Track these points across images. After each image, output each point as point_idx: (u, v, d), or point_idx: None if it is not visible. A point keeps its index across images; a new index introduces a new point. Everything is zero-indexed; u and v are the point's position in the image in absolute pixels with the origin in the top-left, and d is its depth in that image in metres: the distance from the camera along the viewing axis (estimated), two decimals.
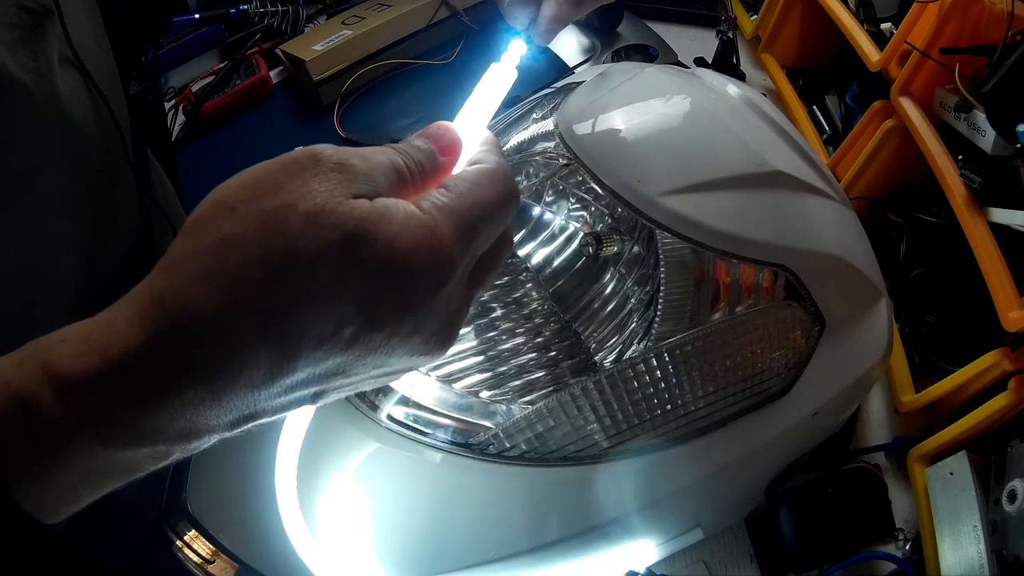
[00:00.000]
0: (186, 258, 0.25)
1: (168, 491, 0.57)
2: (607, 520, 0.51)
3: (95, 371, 0.24)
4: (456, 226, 0.28)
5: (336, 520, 0.51)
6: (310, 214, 0.25)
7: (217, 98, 1.03)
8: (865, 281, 0.56)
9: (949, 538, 0.52)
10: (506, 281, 0.65)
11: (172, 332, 0.24)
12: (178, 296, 0.24)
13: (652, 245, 0.55)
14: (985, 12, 0.61)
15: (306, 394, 0.28)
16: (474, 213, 0.29)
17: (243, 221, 0.25)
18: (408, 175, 0.30)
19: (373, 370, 0.28)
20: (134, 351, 0.24)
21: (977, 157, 0.59)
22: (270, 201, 0.25)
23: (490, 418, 0.54)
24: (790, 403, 0.53)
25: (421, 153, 0.31)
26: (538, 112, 0.63)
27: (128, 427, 0.25)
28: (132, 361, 0.24)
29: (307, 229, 0.25)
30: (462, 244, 0.28)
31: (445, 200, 0.29)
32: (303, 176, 0.26)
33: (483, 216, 0.29)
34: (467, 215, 0.29)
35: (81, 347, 0.24)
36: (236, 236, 0.24)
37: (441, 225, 0.28)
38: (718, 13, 1.09)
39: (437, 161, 0.32)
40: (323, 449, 0.54)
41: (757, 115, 0.56)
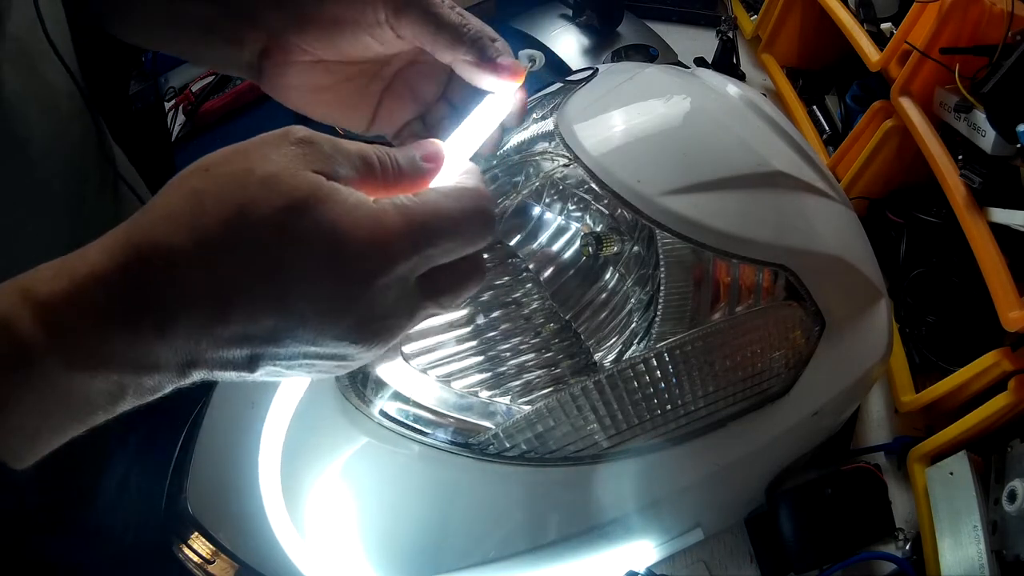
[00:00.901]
0: (159, 204, 0.28)
1: (168, 491, 0.57)
2: (607, 520, 0.51)
3: (64, 291, 0.27)
4: (407, 224, 0.29)
5: (336, 520, 0.51)
6: (265, 177, 0.28)
7: (217, 98, 1.02)
8: (865, 281, 0.56)
9: (949, 538, 0.52)
10: (506, 281, 0.65)
11: (133, 261, 0.27)
12: (144, 231, 0.28)
13: (652, 245, 0.55)
14: (985, 12, 0.61)
15: (241, 355, 0.29)
16: (432, 221, 0.30)
17: (211, 179, 0.28)
18: (378, 169, 0.31)
19: (305, 346, 0.30)
20: (99, 275, 0.27)
21: (977, 157, 0.59)
22: (237, 165, 0.28)
23: (490, 418, 0.54)
24: (790, 403, 0.53)
25: (400, 153, 0.32)
26: (538, 112, 0.62)
27: (88, 346, 0.27)
28: (96, 284, 0.27)
29: (259, 191, 0.27)
30: (408, 243, 0.29)
31: (404, 201, 0.30)
32: (269, 147, 0.29)
33: (442, 226, 0.30)
34: (423, 219, 0.30)
35: (55, 271, 0.27)
36: (202, 190, 0.28)
37: (389, 218, 0.29)
38: (718, 13, 1.09)
39: (416, 165, 0.33)
40: (323, 449, 0.54)
41: (757, 115, 0.56)
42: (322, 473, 0.53)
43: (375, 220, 0.29)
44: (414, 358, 0.58)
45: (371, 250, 0.29)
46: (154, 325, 0.27)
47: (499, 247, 0.66)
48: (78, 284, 0.27)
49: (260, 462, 0.50)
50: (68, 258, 0.28)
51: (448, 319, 0.62)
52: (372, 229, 0.29)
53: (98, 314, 0.27)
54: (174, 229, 0.27)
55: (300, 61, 0.43)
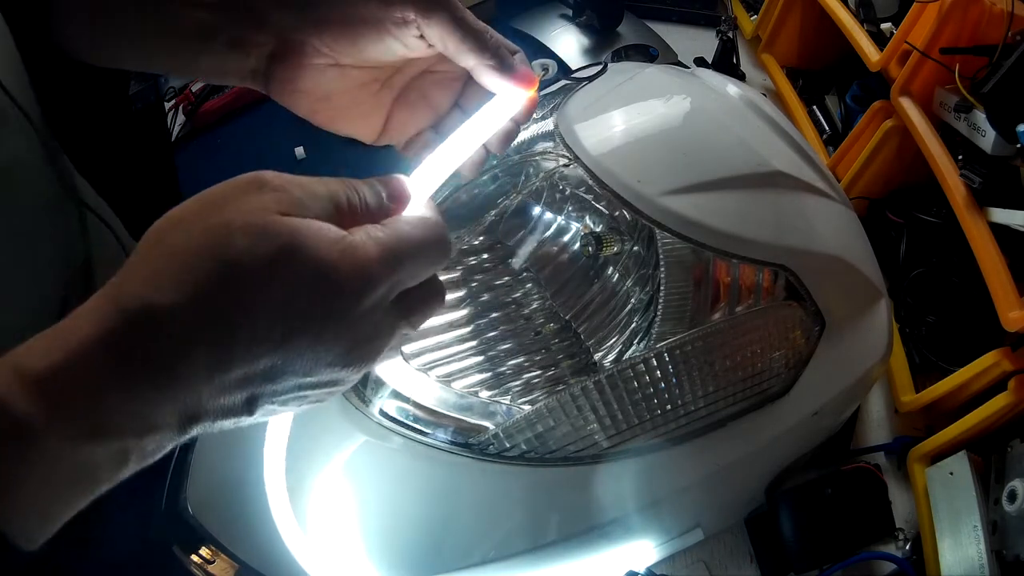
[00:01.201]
0: (141, 264, 0.29)
1: (168, 491, 0.57)
2: (607, 520, 0.51)
3: (59, 364, 0.27)
4: (381, 252, 0.31)
5: (337, 520, 0.51)
6: (245, 228, 0.29)
7: (217, 98, 1.02)
8: (865, 281, 0.56)
9: (949, 538, 0.52)
10: (506, 281, 0.65)
11: (124, 326, 0.27)
12: (131, 295, 0.28)
13: (652, 245, 0.55)
14: (985, 12, 0.61)
15: (240, 399, 0.31)
16: (401, 247, 0.32)
17: (190, 234, 0.29)
18: (347, 208, 0.33)
19: (300, 378, 0.31)
20: (92, 344, 0.27)
21: (977, 157, 0.59)
22: (214, 217, 0.29)
23: (490, 418, 0.54)
24: (790, 403, 0.53)
25: (368, 191, 0.34)
26: (538, 112, 0.62)
27: (90, 417, 0.27)
28: (91, 354, 0.27)
29: (243, 241, 0.28)
30: (385, 268, 0.31)
31: (377, 232, 0.32)
32: (244, 196, 0.30)
33: (410, 252, 0.33)
34: (394, 247, 0.32)
35: (47, 344, 0.27)
36: (183, 246, 0.29)
37: (367, 247, 0.31)
38: (718, 13, 1.09)
39: (384, 205, 0.35)
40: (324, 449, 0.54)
41: (757, 115, 0.56)
42: (322, 473, 0.53)
43: (355, 250, 0.31)
44: (414, 358, 0.58)
45: (355, 279, 0.30)
46: (154, 387, 0.28)
47: (499, 247, 0.66)
48: (73, 356, 0.27)
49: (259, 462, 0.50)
50: (58, 329, 0.28)
51: (448, 319, 0.62)
52: (354, 259, 0.30)
53: (97, 384, 0.27)
54: (163, 289, 0.28)
55: (314, 64, 0.42)
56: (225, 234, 0.29)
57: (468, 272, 0.65)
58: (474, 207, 0.63)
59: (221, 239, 0.28)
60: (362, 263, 0.31)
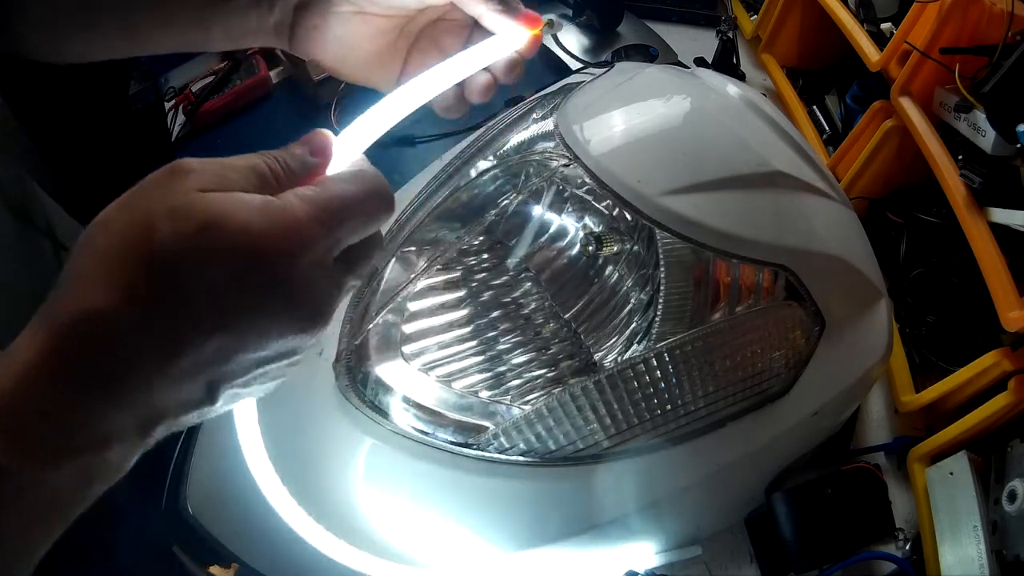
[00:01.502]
0: (71, 274, 0.28)
1: (168, 491, 0.57)
2: (607, 520, 0.51)
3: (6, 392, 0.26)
4: (313, 210, 0.30)
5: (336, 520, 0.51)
6: (167, 213, 0.28)
7: (217, 98, 1.02)
8: (865, 281, 0.56)
9: (949, 538, 0.52)
10: (506, 281, 0.65)
11: (61, 341, 0.27)
12: (64, 306, 0.27)
13: (652, 245, 0.55)
14: (985, 12, 0.61)
15: (198, 388, 0.30)
16: (335, 204, 0.31)
17: (113, 233, 0.28)
18: (271, 176, 0.32)
19: (254, 353, 0.30)
20: (32, 366, 0.26)
21: (977, 157, 0.59)
22: (135, 212, 0.28)
23: (490, 418, 0.54)
24: (790, 403, 0.53)
25: (288, 155, 0.33)
26: (538, 112, 0.63)
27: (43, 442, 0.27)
28: (32, 375, 0.26)
29: (166, 226, 0.27)
30: (318, 226, 0.30)
31: (305, 191, 0.31)
32: (159, 186, 0.29)
33: (346, 207, 0.32)
34: (327, 203, 0.31)
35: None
36: (107, 246, 0.28)
37: (295, 208, 0.30)
38: (718, 13, 1.09)
39: (307, 162, 0.34)
40: (323, 449, 0.54)
41: (757, 115, 0.56)
42: (322, 472, 0.53)
43: (284, 213, 0.30)
44: (414, 358, 0.58)
45: (288, 242, 0.29)
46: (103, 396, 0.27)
47: (499, 247, 0.66)
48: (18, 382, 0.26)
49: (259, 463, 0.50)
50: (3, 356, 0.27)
51: (448, 319, 0.62)
52: (283, 223, 0.29)
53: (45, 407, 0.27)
54: (93, 292, 0.27)
55: (339, 12, 0.44)
56: (146, 224, 0.28)
57: (468, 272, 0.65)
58: (474, 207, 0.63)
59: (143, 230, 0.28)
60: (291, 224, 0.30)
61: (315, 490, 0.52)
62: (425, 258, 0.61)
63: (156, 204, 0.28)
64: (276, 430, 0.56)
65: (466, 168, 0.64)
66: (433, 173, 0.66)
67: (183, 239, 0.27)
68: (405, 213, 0.64)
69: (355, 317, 0.58)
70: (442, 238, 0.62)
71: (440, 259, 0.60)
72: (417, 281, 0.59)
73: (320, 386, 0.55)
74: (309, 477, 0.53)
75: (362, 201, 0.33)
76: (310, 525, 0.48)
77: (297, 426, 0.56)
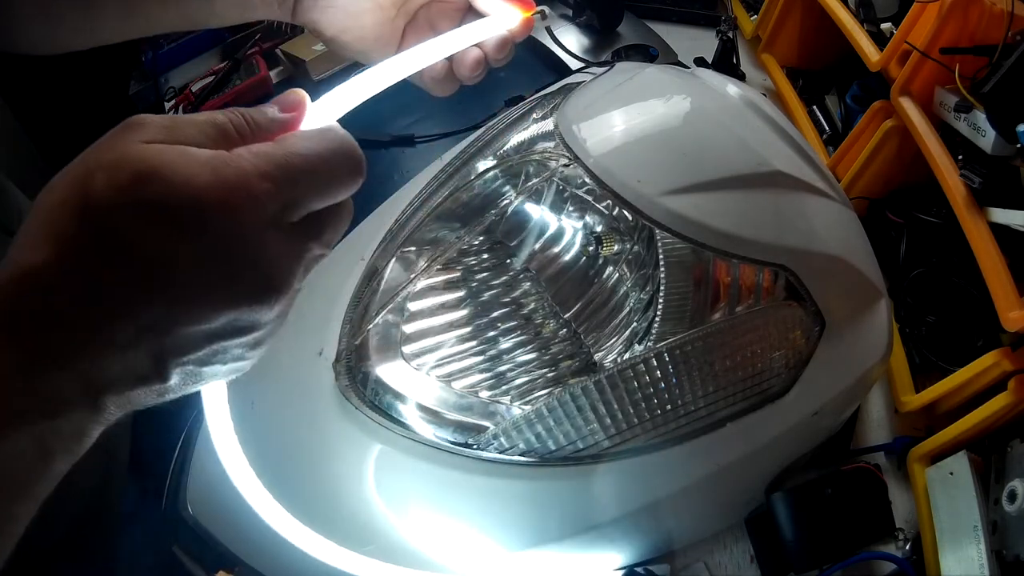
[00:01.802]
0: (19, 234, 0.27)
1: (168, 493, 0.57)
2: (607, 520, 0.51)
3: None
4: (265, 165, 0.28)
5: (336, 520, 0.51)
6: (104, 164, 0.26)
7: (217, 98, 1.02)
8: (865, 281, 0.56)
9: (949, 538, 0.52)
10: (506, 280, 0.65)
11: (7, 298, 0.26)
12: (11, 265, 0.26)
13: (652, 245, 0.55)
14: (985, 12, 0.61)
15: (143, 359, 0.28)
16: (293, 160, 0.29)
17: (56, 189, 0.27)
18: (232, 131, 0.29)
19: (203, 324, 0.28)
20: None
21: (977, 157, 0.59)
22: (78, 168, 0.27)
23: (490, 418, 0.54)
24: (790, 403, 0.53)
25: (256, 111, 0.31)
26: (538, 112, 0.63)
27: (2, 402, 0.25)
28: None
29: (102, 178, 0.26)
30: (272, 184, 0.28)
31: (261, 146, 0.29)
32: (105, 142, 0.27)
33: (306, 165, 0.29)
34: (283, 159, 0.28)
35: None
36: (49, 203, 0.26)
37: (244, 161, 0.27)
38: (718, 13, 1.09)
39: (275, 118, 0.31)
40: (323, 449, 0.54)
41: (757, 115, 0.56)
42: (322, 472, 0.53)
43: (227, 167, 0.27)
44: (414, 358, 0.58)
45: (233, 198, 0.27)
46: (44, 356, 0.26)
47: (499, 247, 0.66)
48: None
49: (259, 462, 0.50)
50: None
51: (448, 319, 0.62)
52: (228, 177, 0.27)
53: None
54: (30, 250, 0.26)
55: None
56: (84, 176, 0.26)
57: (468, 272, 0.65)
58: (474, 207, 0.63)
59: (80, 182, 0.26)
60: (237, 179, 0.27)
61: (315, 490, 0.52)
62: (425, 258, 0.61)
63: (98, 157, 0.26)
64: (276, 429, 0.56)
65: (466, 168, 0.64)
66: (433, 173, 0.66)
67: (116, 191, 0.25)
68: (405, 213, 0.64)
69: (355, 317, 0.58)
70: (442, 238, 0.62)
71: (440, 259, 0.60)
72: (417, 281, 0.59)
73: (320, 386, 0.55)
74: (309, 477, 0.53)
75: (325, 160, 0.30)
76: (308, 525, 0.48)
77: (297, 426, 0.56)
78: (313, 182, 0.29)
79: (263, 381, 0.60)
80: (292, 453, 0.55)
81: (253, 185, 0.27)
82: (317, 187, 0.30)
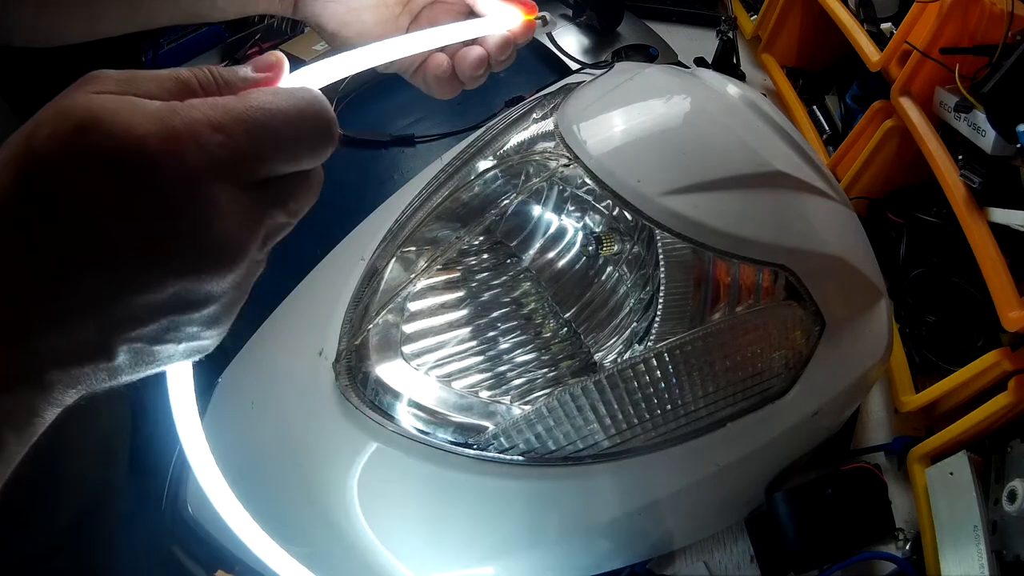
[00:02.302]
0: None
1: (168, 493, 0.57)
2: (607, 520, 0.51)
3: None
4: (220, 116, 0.25)
5: (336, 520, 0.51)
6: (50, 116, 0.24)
7: None
8: (865, 281, 0.56)
9: (949, 538, 0.52)
10: (506, 280, 0.65)
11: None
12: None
13: (652, 245, 0.55)
14: (985, 12, 0.61)
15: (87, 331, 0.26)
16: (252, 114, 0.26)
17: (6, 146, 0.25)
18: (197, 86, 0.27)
19: (148, 293, 0.26)
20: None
21: (977, 157, 0.59)
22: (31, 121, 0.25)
23: (490, 418, 0.54)
24: (790, 403, 0.53)
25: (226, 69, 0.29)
26: (538, 112, 0.63)
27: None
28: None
29: (44, 130, 0.24)
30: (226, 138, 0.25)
31: (220, 99, 0.26)
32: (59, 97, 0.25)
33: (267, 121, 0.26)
34: (241, 113, 0.26)
35: None
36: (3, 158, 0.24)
37: (196, 112, 0.25)
38: (718, 13, 1.09)
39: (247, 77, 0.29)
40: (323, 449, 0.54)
41: (757, 115, 0.56)
42: (322, 472, 0.53)
43: (175, 116, 0.25)
44: (414, 358, 0.58)
45: (180, 148, 0.24)
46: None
47: (499, 247, 0.66)
48: None
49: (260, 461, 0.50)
50: None
51: (448, 319, 0.62)
52: (177, 126, 0.24)
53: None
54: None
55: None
56: (31, 130, 0.24)
57: (468, 272, 0.65)
58: (474, 207, 0.63)
59: (25, 136, 0.24)
60: (183, 128, 0.24)
61: (314, 490, 0.52)
62: (425, 258, 0.61)
63: (46, 110, 0.25)
64: (276, 429, 0.56)
65: (466, 168, 0.64)
66: (433, 173, 0.66)
67: (55, 141, 0.24)
68: (405, 213, 0.64)
69: (355, 317, 0.58)
70: (442, 238, 0.62)
71: (440, 259, 0.60)
72: (417, 281, 0.59)
73: (320, 386, 0.55)
74: (308, 477, 0.53)
75: (291, 119, 0.27)
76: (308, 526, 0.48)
77: (297, 426, 0.56)
78: (276, 140, 0.27)
79: (263, 381, 0.60)
80: (292, 453, 0.55)
81: (203, 135, 0.25)
82: (280, 147, 0.27)
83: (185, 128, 0.24)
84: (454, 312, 0.62)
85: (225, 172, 0.25)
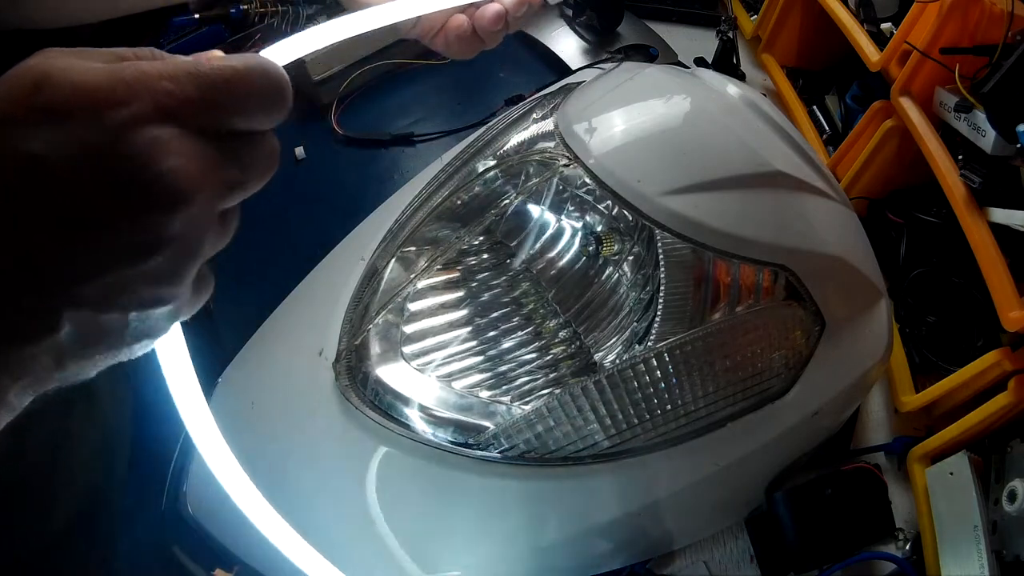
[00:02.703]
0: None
1: (168, 492, 0.57)
2: (607, 520, 0.51)
3: None
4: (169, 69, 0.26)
5: (336, 519, 0.51)
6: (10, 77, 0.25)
7: None
8: (865, 281, 0.56)
9: (949, 538, 0.52)
10: (506, 280, 0.65)
11: None
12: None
13: (652, 245, 0.55)
14: (985, 12, 0.61)
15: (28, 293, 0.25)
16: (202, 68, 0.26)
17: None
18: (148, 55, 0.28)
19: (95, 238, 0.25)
20: None
21: (977, 157, 0.59)
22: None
23: (490, 418, 0.54)
24: (790, 403, 0.53)
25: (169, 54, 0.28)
26: (538, 112, 0.63)
27: None
28: None
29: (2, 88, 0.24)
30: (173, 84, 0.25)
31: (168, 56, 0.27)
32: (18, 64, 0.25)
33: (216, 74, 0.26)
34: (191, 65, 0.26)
35: None
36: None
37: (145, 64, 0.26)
38: (718, 13, 1.09)
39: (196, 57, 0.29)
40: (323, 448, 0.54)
41: (757, 115, 0.56)
42: (322, 472, 0.53)
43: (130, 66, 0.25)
44: (414, 358, 0.58)
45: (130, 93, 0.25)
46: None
47: (499, 247, 0.66)
48: None
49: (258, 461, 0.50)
50: None
51: (448, 319, 0.62)
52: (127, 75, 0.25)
53: None
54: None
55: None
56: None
57: (468, 272, 0.65)
58: (474, 207, 0.63)
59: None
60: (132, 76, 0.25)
61: (315, 490, 0.52)
62: (425, 258, 0.61)
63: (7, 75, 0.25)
64: (276, 429, 0.56)
65: (466, 168, 0.64)
66: (433, 173, 0.66)
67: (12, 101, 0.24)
68: (405, 213, 0.64)
69: (355, 317, 0.58)
70: (442, 238, 0.62)
71: (440, 259, 0.60)
72: (417, 281, 0.59)
73: (320, 386, 0.55)
74: (309, 477, 0.53)
75: (241, 74, 0.27)
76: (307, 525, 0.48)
77: (297, 426, 0.56)
78: (225, 91, 0.27)
79: (263, 381, 0.60)
80: (292, 453, 0.55)
81: (152, 82, 0.25)
82: (229, 97, 0.27)
83: (134, 78, 0.25)
84: (454, 312, 0.62)
85: (173, 115, 0.26)
